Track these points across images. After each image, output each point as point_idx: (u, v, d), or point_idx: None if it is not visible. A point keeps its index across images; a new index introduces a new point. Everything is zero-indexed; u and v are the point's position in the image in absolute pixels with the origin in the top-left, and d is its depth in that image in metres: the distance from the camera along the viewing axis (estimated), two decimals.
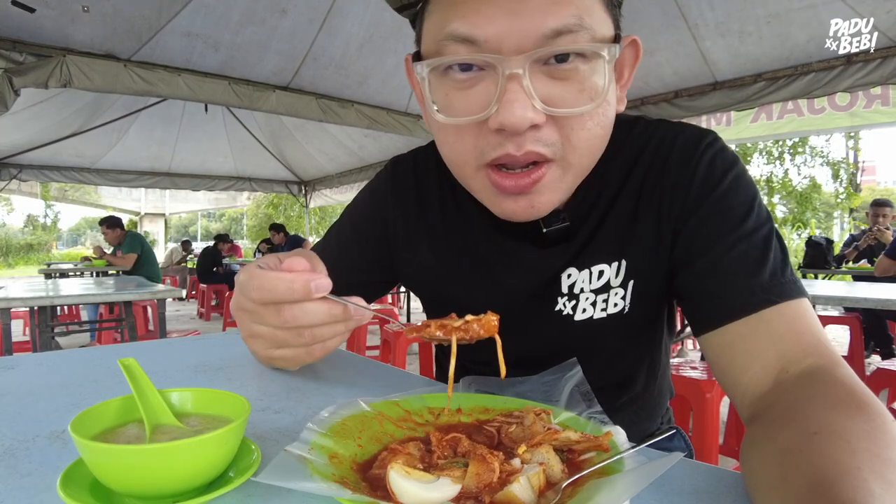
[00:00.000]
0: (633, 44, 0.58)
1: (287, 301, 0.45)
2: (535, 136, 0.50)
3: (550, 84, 0.49)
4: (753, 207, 0.58)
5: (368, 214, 0.78)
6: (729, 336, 0.54)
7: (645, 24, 3.42)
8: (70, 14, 3.18)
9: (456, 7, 0.49)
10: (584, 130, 0.52)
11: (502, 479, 0.37)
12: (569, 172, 0.54)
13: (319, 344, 0.49)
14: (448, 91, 0.52)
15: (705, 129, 0.64)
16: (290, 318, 0.46)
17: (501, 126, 0.49)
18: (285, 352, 0.49)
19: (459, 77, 0.51)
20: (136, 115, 6.32)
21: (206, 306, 7.29)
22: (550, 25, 0.47)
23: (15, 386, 0.69)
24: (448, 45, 0.50)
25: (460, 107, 0.52)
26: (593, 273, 0.65)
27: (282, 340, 0.48)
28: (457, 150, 0.55)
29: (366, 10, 3.67)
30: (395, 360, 2.94)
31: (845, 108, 3.86)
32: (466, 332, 0.47)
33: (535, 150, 0.51)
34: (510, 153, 0.51)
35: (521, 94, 0.48)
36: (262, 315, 0.47)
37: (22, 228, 26.61)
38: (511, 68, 0.47)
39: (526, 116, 0.48)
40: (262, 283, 0.45)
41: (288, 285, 0.45)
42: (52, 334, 3.68)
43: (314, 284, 0.45)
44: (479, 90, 0.50)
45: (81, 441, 0.36)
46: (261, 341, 0.49)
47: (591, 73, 0.50)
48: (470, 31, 0.48)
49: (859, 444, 0.36)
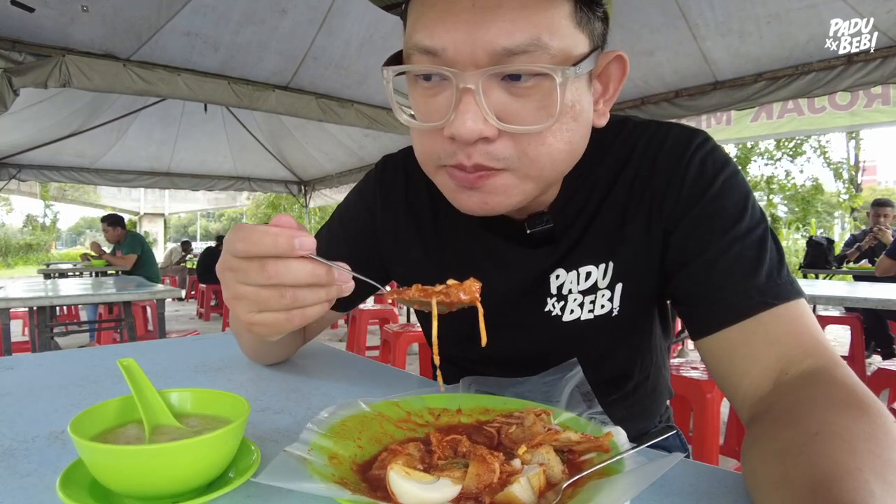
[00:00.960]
0: (618, 59, 0.57)
1: (271, 255, 0.45)
2: (485, 148, 0.51)
3: (508, 99, 0.50)
4: (747, 208, 0.58)
5: (357, 213, 0.79)
6: (727, 340, 0.54)
7: (645, 23, 3.42)
8: (69, 14, 3.18)
9: (422, 17, 0.51)
10: (543, 146, 0.52)
11: (502, 480, 0.37)
12: (527, 182, 0.55)
13: (299, 310, 0.48)
14: (416, 95, 0.55)
15: (696, 128, 0.64)
16: (272, 272, 0.45)
17: (451, 136, 0.50)
18: (265, 316, 0.49)
19: (425, 85, 0.53)
20: (136, 114, 6.31)
21: (206, 306, 7.29)
22: (503, 44, 0.47)
23: (14, 386, 0.69)
24: (413, 54, 0.52)
25: (424, 111, 0.54)
26: (581, 274, 0.65)
27: (264, 301, 0.47)
28: (420, 150, 0.58)
29: (365, 9, 3.67)
30: (395, 360, 2.94)
31: (846, 107, 3.87)
32: (447, 297, 0.47)
33: (482, 163, 0.52)
34: (461, 162, 0.52)
35: (472, 106, 0.49)
36: (245, 271, 0.47)
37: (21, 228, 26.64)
38: (464, 82, 0.48)
39: (475, 129, 0.49)
40: (247, 234, 0.45)
41: (272, 239, 0.45)
42: (51, 334, 3.68)
43: (298, 241, 0.45)
44: (440, 99, 0.52)
45: (81, 441, 0.35)
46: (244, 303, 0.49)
47: (550, 91, 0.50)
48: (430, 42, 0.49)
49: (860, 444, 0.36)
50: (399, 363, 2.89)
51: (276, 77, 4.22)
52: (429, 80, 0.52)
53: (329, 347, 0.96)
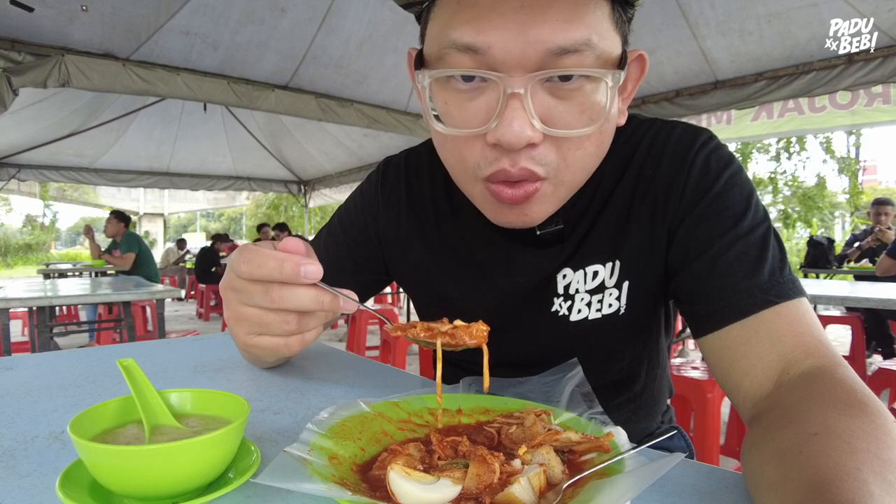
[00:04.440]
0: (639, 58, 0.57)
1: (276, 280, 0.45)
2: (530, 153, 0.50)
3: (551, 102, 0.49)
4: (750, 206, 0.58)
5: (358, 215, 0.78)
6: (729, 339, 0.54)
7: (646, 23, 3.42)
8: (69, 13, 3.18)
9: (460, 14, 0.48)
10: (580, 150, 0.52)
11: (503, 480, 0.37)
12: (561, 188, 0.54)
13: (299, 336, 0.48)
14: (448, 99, 0.52)
15: (700, 127, 0.64)
16: (276, 297, 0.45)
17: (498, 142, 0.49)
18: (265, 339, 0.49)
19: (461, 87, 0.50)
20: (135, 114, 6.32)
21: (205, 306, 7.29)
22: (559, 43, 0.46)
23: (14, 386, 0.69)
24: (451, 53, 0.49)
25: (460, 117, 0.51)
26: (588, 273, 0.64)
27: (266, 325, 0.47)
28: (454, 158, 0.55)
29: (365, 8, 3.67)
30: (395, 360, 2.94)
31: (846, 106, 3.86)
32: (453, 338, 0.46)
33: (529, 168, 0.51)
34: (505, 168, 0.51)
35: (521, 112, 0.47)
36: (250, 293, 0.46)
37: (20, 228, 26.62)
38: (513, 87, 0.47)
39: (524, 135, 0.47)
40: (253, 257, 0.45)
41: (278, 264, 0.44)
42: (50, 335, 3.68)
43: (304, 269, 0.44)
44: (479, 103, 0.50)
45: (80, 442, 0.35)
46: (245, 324, 0.48)
47: (594, 93, 0.49)
48: (473, 39, 0.47)
49: (859, 444, 0.35)
50: (399, 363, 2.89)
51: (275, 76, 4.22)
52: (468, 82, 0.50)
53: (329, 347, 0.96)
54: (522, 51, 0.46)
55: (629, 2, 0.51)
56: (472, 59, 0.48)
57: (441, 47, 0.50)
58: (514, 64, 0.47)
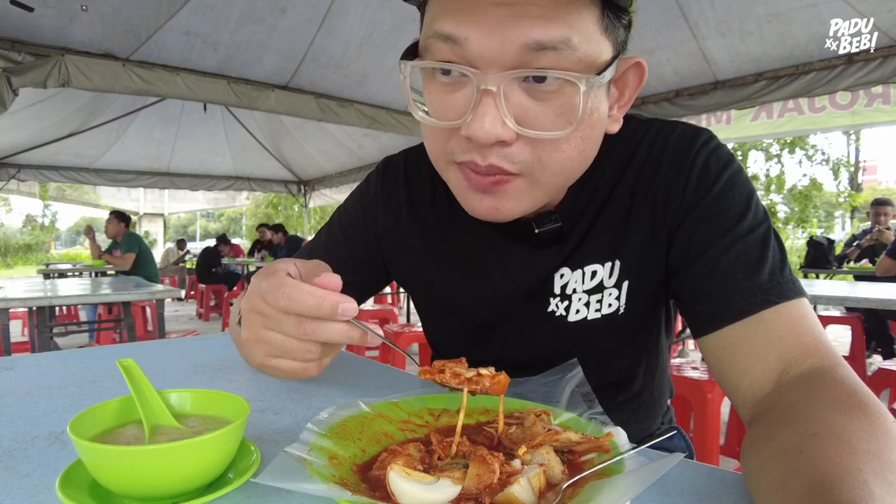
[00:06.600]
0: (637, 66, 0.56)
1: (312, 316, 0.46)
2: (501, 151, 0.50)
3: (528, 103, 0.49)
4: (750, 206, 0.58)
5: (357, 215, 0.78)
6: (729, 339, 0.54)
7: (645, 23, 3.42)
8: (69, 13, 3.18)
9: (448, 3, 0.49)
10: (557, 153, 0.51)
11: (503, 481, 0.37)
12: (538, 188, 0.54)
13: (317, 362, 0.49)
14: (432, 90, 0.53)
15: (700, 127, 0.64)
16: (309, 330, 0.46)
17: (468, 137, 0.49)
18: (284, 363, 0.49)
19: (443, 80, 0.52)
20: (135, 114, 6.31)
21: (206, 307, 7.29)
22: (536, 38, 0.46)
23: (13, 387, 0.69)
24: (434, 42, 0.50)
25: (440, 108, 0.52)
26: (586, 273, 0.64)
27: (288, 351, 0.48)
28: (432, 145, 0.57)
29: (365, 9, 3.67)
30: (395, 360, 2.94)
31: (846, 106, 3.86)
32: (477, 384, 0.47)
33: (498, 165, 0.51)
34: (475, 161, 0.51)
35: (493, 109, 0.47)
36: (279, 321, 0.46)
37: (20, 228, 26.62)
38: (487, 84, 0.47)
39: (494, 132, 0.48)
40: (292, 292, 0.45)
41: (317, 302, 0.45)
42: (50, 335, 3.68)
43: (342, 308, 0.45)
44: (458, 96, 0.51)
45: (80, 442, 0.35)
46: (265, 347, 0.49)
47: (573, 97, 0.49)
48: (453, 29, 0.48)
49: (860, 444, 0.36)
50: (399, 363, 2.89)
51: (275, 77, 4.22)
52: (447, 75, 0.51)
53: None
54: (500, 45, 0.47)
55: (622, 7, 0.50)
56: (451, 51, 0.49)
57: (426, 37, 0.51)
58: (491, 59, 0.47)
